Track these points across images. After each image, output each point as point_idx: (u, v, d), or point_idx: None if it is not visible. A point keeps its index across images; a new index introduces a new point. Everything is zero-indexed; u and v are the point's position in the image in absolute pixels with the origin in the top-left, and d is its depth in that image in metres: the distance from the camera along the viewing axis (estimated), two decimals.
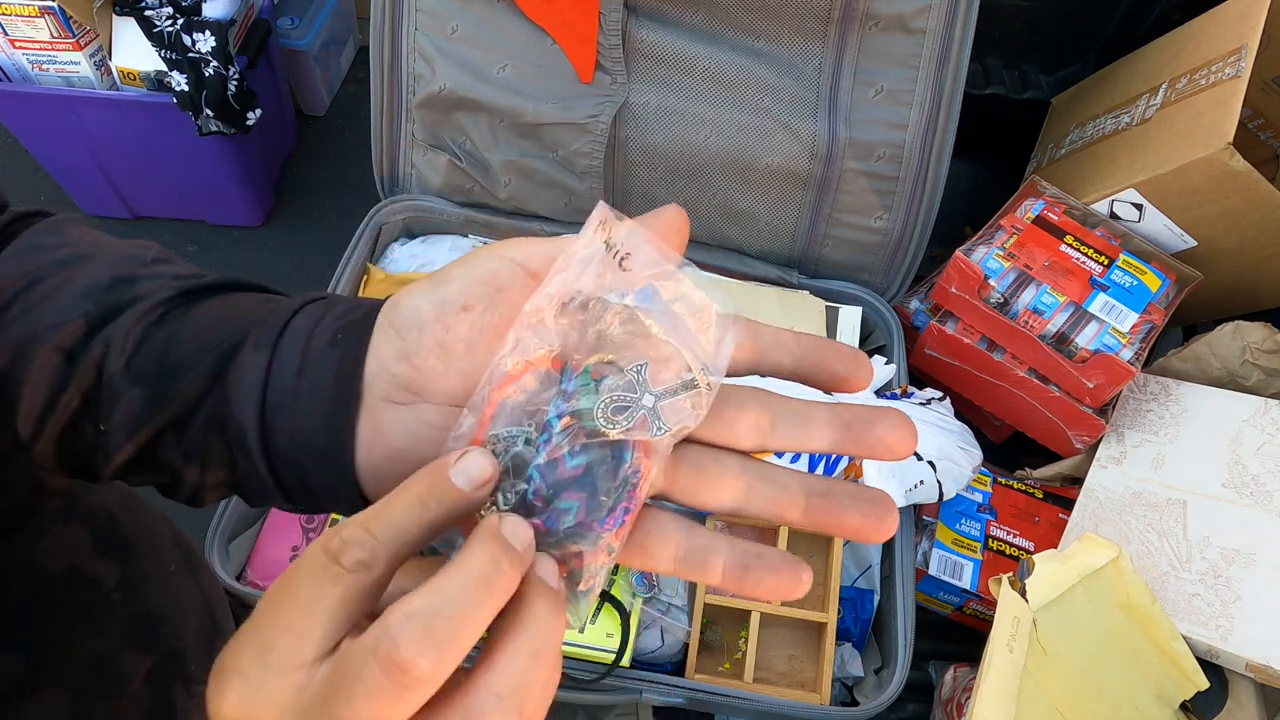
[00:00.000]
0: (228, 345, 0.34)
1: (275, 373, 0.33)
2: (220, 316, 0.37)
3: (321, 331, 0.33)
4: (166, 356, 0.35)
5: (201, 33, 1.70)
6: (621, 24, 0.89)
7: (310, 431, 0.32)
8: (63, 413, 0.36)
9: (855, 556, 0.84)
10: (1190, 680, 0.73)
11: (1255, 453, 0.82)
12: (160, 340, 0.35)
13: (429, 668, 0.22)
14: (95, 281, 0.37)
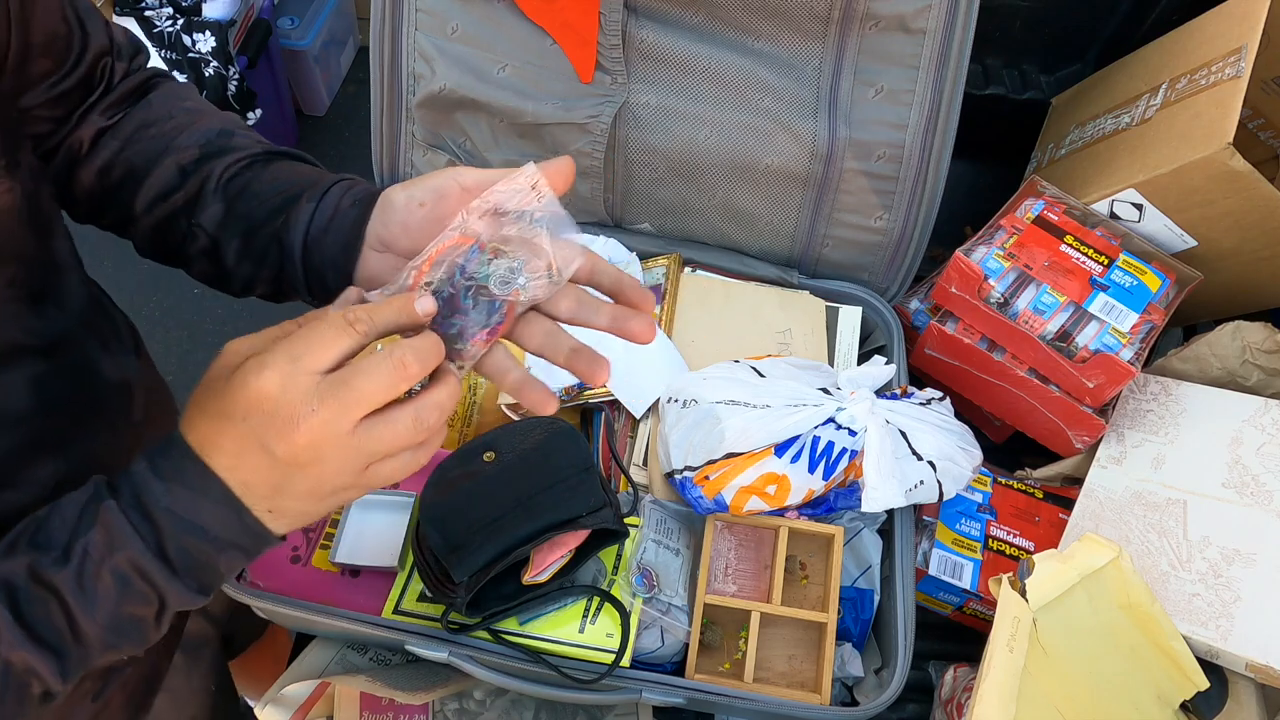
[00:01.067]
0: (291, 193, 0.57)
1: (317, 218, 0.56)
2: (285, 175, 0.59)
3: (346, 199, 0.56)
4: (246, 190, 0.58)
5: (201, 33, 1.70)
6: (621, 24, 0.89)
7: (333, 255, 0.55)
8: (169, 205, 0.59)
9: (855, 556, 0.84)
10: (1190, 680, 0.73)
11: (1255, 453, 0.82)
12: (244, 180, 0.59)
13: (416, 370, 0.43)
14: (209, 128, 0.61)
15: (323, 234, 0.55)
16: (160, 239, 0.60)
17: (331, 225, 0.55)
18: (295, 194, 0.57)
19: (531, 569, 0.72)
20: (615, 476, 0.88)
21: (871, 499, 0.79)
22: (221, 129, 0.60)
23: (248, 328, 0.43)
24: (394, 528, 0.79)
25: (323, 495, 0.44)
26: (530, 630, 0.75)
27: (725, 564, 0.83)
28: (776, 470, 0.79)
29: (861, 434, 0.80)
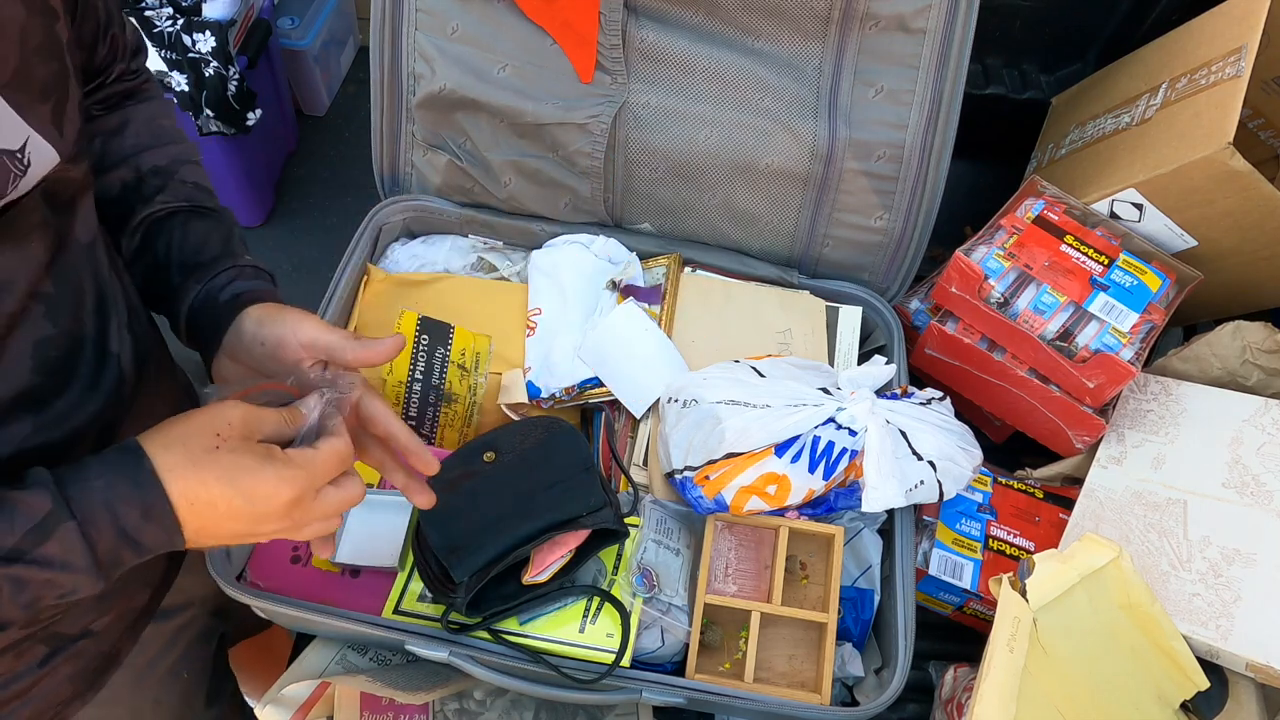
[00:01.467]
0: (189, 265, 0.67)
1: (196, 300, 0.66)
2: (192, 242, 0.68)
3: (226, 293, 0.66)
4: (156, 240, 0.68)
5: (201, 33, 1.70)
6: (621, 24, 0.89)
7: (203, 338, 0.65)
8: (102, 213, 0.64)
9: (855, 556, 0.84)
10: (1190, 680, 0.73)
11: (1255, 453, 0.82)
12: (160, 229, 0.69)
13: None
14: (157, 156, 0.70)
15: (199, 316, 0.66)
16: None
17: (204, 314, 0.65)
18: (191, 267, 0.67)
19: (532, 569, 0.72)
20: (616, 476, 0.87)
21: (871, 499, 0.79)
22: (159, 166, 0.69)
23: None
24: (394, 528, 0.79)
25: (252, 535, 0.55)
26: (530, 630, 0.75)
27: (725, 564, 0.83)
28: (777, 470, 0.79)
29: (862, 434, 0.80)
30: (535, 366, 0.92)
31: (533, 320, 0.94)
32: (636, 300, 0.95)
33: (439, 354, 0.91)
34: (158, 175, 0.69)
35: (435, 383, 0.90)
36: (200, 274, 0.66)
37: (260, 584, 0.78)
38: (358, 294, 0.96)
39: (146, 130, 0.70)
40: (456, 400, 0.91)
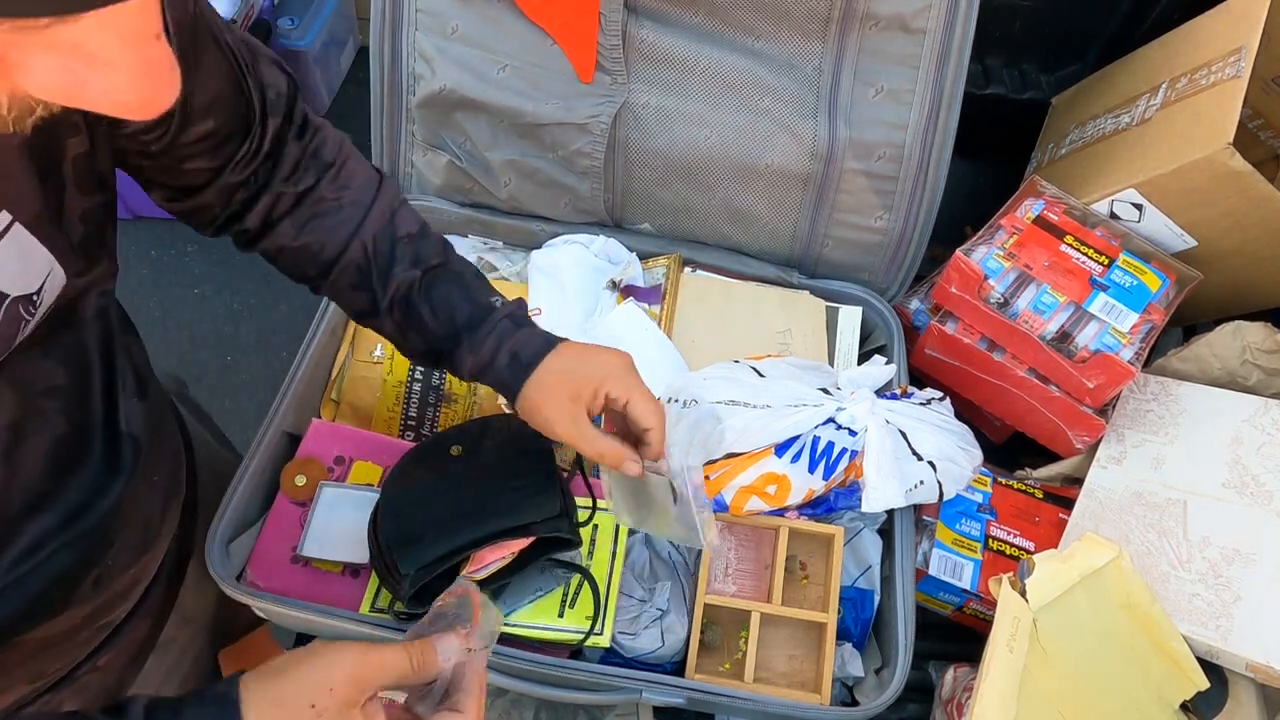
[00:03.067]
0: (452, 336, 0.68)
1: (475, 365, 0.68)
2: (450, 305, 0.68)
3: (503, 355, 0.67)
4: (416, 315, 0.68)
5: None
6: (621, 24, 0.89)
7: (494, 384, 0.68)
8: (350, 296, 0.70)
9: (855, 557, 0.84)
10: (1190, 680, 0.73)
11: (1255, 453, 0.82)
12: (413, 305, 0.68)
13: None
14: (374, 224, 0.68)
15: (484, 378, 0.68)
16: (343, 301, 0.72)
17: (489, 376, 0.67)
18: (456, 336, 0.68)
19: (471, 564, 0.72)
20: None
21: (871, 499, 0.79)
22: (383, 225, 0.68)
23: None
24: (362, 523, 0.78)
25: None
26: (527, 620, 0.75)
27: (725, 564, 0.83)
28: (776, 470, 0.79)
29: (861, 434, 0.80)
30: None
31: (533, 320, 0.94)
32: (636, 300, 0.95)
33: None
34: (380, 243, 0.68)
35: (435, 383, 0.90)
36: (467, 341, 0.67)
37: (260, 584, 0.78)
38: None
39: (349, 199, 0.68)
40: (456, 400, 0.91)
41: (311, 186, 0.67)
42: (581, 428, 0.65)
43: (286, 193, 0.66)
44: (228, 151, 0.61)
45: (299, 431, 0.86)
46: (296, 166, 0.66)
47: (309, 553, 0.78)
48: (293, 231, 0.67)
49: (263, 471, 0.82)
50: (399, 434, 0.89)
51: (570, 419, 0.64)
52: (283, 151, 0.65)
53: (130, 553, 0.66)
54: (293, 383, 0.86)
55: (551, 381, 0.65)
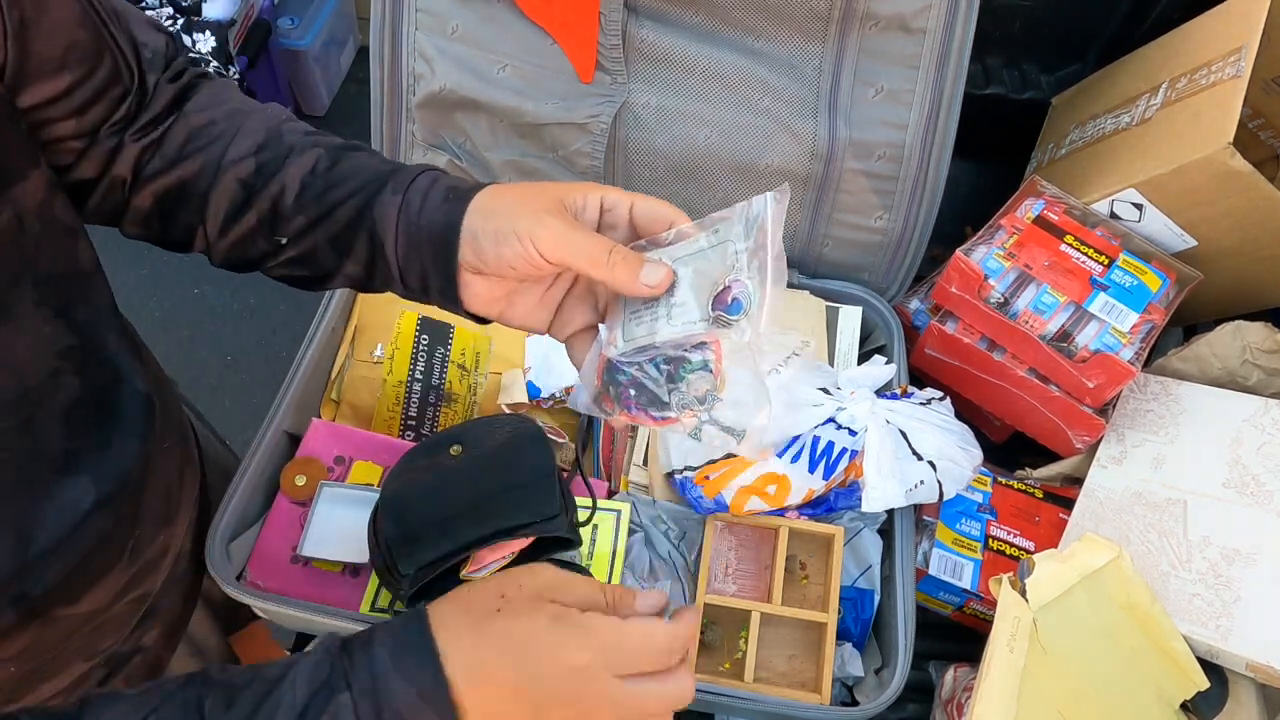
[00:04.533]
0: (371, 188, 0.55)
1: (406, 209, 0.54)
2: (360, 169, 0.56)
3: (435, 192, 0.54)
4: (324, 197, 0.56)
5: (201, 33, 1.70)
6: (621, 24, 0.89)
7: (429, 253, 0.53)
8: (244, 226, 0.57)
9: (855, 556, 0.84)
10: (1190, 680, 0.73)
11: (1255, 453, 0.82)
12: (318, 185, 0.56)
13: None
14: (256, 131, 0.57)
15: (414, 229, 0.54)
16: (240, 257, 0.60)
17: (423, 218, 0.54)
18: (378, 187, 0.55)
19: (471, 564, 0.72)
20: (617, 476, 0.88)
21: (871, 499, 0.79)
22: (269, 130, 0.58)
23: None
24: (361, 522, 0.78)
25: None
26: None
27: (725, 564, 0.83)
28: (776, 470, 0.79)
29: (862, 434, 0.80)
30: (535, 366, 0.92)
31: None
32: None
33: (439, 354, 0.91)
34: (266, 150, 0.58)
35: (435, 383, 0.90)
36: (396, 183, 0.55)
37: (260, 584, 0.78)
38: (358, 294, 0.96)
39: (222, 117, 0.59)
40: (456, 400, 0.91)
41: (182, 115, 0.59)
42: (578, 228, 0.51)
43: (157, 129, 0.58)
44: (98, 113, 0.55)
45: (299, 431, 0.86)
46: (169, 103, 0.59)
47: (309, 552, 0.78)
48: (162, 166, 0.57)
49: (263, 471, 0.82)
50: (399, 434, 0.89)
51: (557, 221, 0.50)
52: (158, 98, 0.58)
53: (156, 521, 0.66)
54: (293, 383, 0.86)
55: (513, 197, 0.52)
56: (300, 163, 0.56)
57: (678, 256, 0.51)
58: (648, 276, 0.50)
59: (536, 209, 0.50)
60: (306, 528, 0.80)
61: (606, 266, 0.50)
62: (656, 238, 0.53)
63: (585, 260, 0.50)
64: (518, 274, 0.52)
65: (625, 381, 0.50)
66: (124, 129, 0.57)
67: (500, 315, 0.57)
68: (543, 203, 0.51)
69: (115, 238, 0.64)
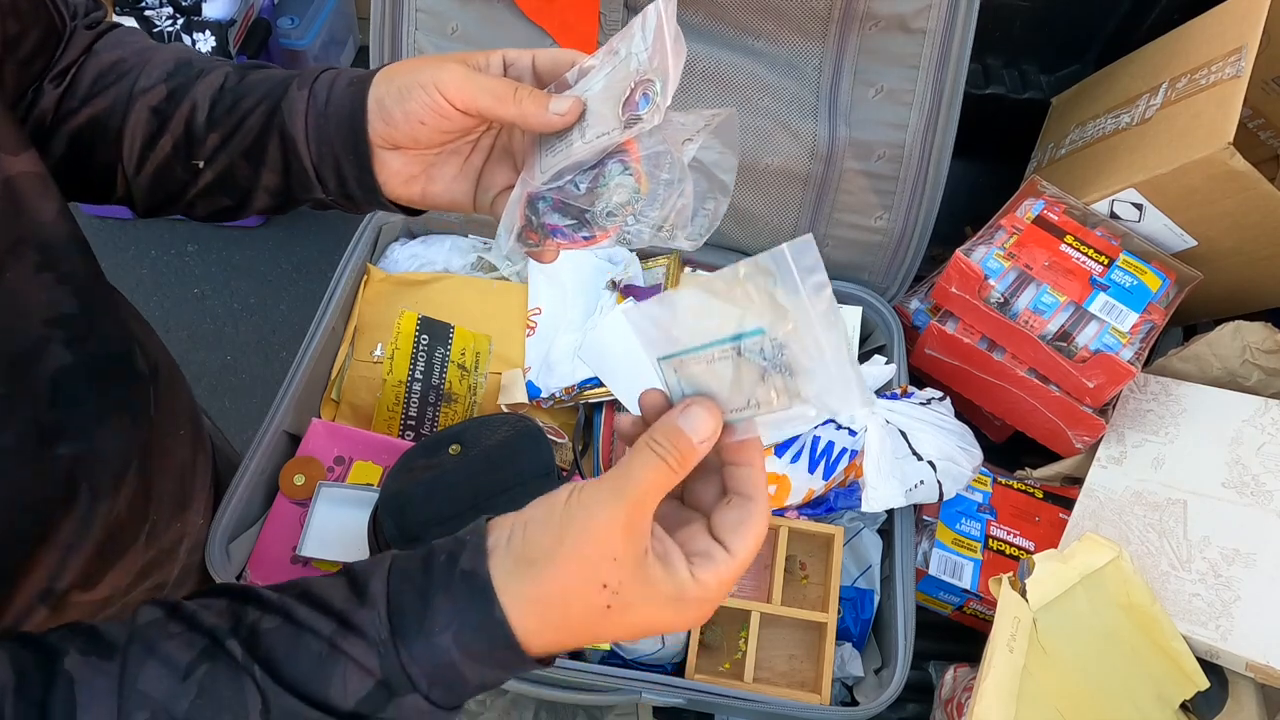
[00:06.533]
0: (278, 91, 0.54)
1: (313, 102, 0.53)
2: (266, 78, 0.55)
3: (340, 81, 0.53)
4: (235, 109, 0.54)
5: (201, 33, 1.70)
6: (622, 24, 0.89)
7: (340, 138, 0.52)
8: (159, 155, 0.55)
9: (855, 556, 0.84)
10: (1190, 680, 0.73)
11: (1255, 453, 0.82)
12: (228, 99, 0.55)
13: None
14: (166, 62, 0.57)
15: (323, 120, 0.53)
16: (160, 191, 0.58)
17: (330, 108, 0.53)
18: (283, 90, 0.54)
19: None
20: None
21: (871, 499, 0.79)
22: (178, 60, 0.57)
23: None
24: (361, 522, 0.79)
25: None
26: None
27: None
28: (776, 470, 0.79)
29: (862, 434, 0.80)
30: (535, 366, 0.92)
31: (532, 320, 0.94)
32: (636, 300, 0.95)
33: (439, 354, 0.91)
34: (181, 69, 0.57)
35: (435, 383, 0.90)
36: (300, 80, 0.54)
37: (260, 584, 0.78)
38: (358, 294, 0.96)
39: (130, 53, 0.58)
40: (456, 400, 0.91)
41: (92, 54, 0.58)
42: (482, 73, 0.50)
43: (70, 72, 0.57)
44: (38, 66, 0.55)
45: (299, 431, 0.86)
46: (84, 48, 0.58)
47: (309, 553, 0.78)
48: (74, 105, 0.56)
49: (263, 471, 0.82)
50: (399, 434, 0.89)
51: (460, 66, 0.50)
52: (74, 44, 0.58)
53: (171, 506, 0.65)
54: (292, 383, 0.86)
55: (415, 60, 0.52)
56: (209, 80, 0.55)
57: (587, 89, 0.49)
58: (557, 105, 0.48)
59: (439, 61, 0.50)
60: (306, 528, 0.80)
61: (514, 102, 0.48)
62: (562, 80, 0.51)
63: (492, 98, 0.48)
64: (428, 130, 0.50)
65: (546, 208, 0.49)
66: (43, 76, 0.56)
67: (422, 195, 0.55)
68: (448, 58, 0.51)
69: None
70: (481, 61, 0.52)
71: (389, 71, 0.52)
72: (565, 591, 0.39)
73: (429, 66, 0.50)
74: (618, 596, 0.39)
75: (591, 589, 0.39)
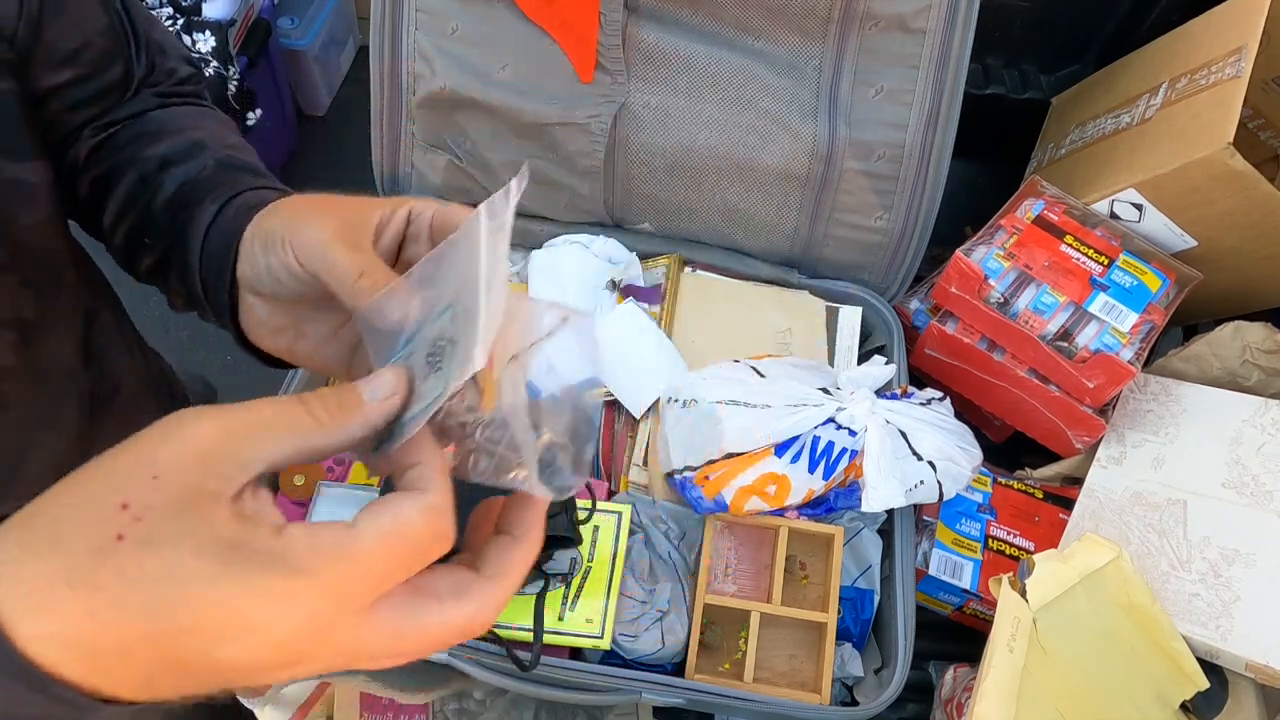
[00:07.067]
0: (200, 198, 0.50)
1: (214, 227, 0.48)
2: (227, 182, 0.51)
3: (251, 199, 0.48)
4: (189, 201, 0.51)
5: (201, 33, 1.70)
6: (621, 24, 0.89)
7: (213, 271, 0.47)
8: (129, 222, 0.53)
9: (855, 556, 0.84)
10: (1190, 680, 0.73)
11: (1255, 453, 0.82)
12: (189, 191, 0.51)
13: None
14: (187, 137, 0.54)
15: (211, 243, 0.48)
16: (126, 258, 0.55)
17: (211, 235, 0.48)
18: (201, 197, 0.50)
19: None
20: (617, 476, 0.88)
21: (871, 499, 0.79)
22: (194, 140, 0.54)
23: None
24: None
25: None
26: (506, 620, 0.75)
27: (725, 564, 0.83)
28: (776, 470, 0.79)
29: (861, 434, 0.80)
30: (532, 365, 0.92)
31: None
32: (636, 300, 0.95)
33: None
34: (191, 148, 0.54)
35: None
36: (218, 194, 0.50)
37: None
38: None
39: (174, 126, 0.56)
40: None
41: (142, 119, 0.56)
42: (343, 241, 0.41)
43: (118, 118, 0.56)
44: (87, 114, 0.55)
45: None
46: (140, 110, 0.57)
47: None
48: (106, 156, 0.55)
49: None
50: None
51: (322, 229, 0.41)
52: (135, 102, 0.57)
53: None
54: (293, 383, 0.86)
55: (308, 203, 0.45)
56: (191, 166, 0.52)
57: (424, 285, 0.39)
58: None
59: (318, 214, 0.43)
60: None
61: (352, 292, 0.40)
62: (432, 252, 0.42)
63: (334, 277, 0.40)
64: (285, 287, 0.44)
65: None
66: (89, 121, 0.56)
67: (290, 350, 0.47)
68: (331, 210, 0.43)
69: None
70: (385, 214, 0.44)
71: (274, 210, 0.46)
72: (63, 504, 0.27)
73: (300, 220, 0.44)
74: (139, 524, 0.26)
75: (104, 504, 0.26)
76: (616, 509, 0.82)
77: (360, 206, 0.44)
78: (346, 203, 0.45)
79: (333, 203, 0.44)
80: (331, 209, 0.43)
